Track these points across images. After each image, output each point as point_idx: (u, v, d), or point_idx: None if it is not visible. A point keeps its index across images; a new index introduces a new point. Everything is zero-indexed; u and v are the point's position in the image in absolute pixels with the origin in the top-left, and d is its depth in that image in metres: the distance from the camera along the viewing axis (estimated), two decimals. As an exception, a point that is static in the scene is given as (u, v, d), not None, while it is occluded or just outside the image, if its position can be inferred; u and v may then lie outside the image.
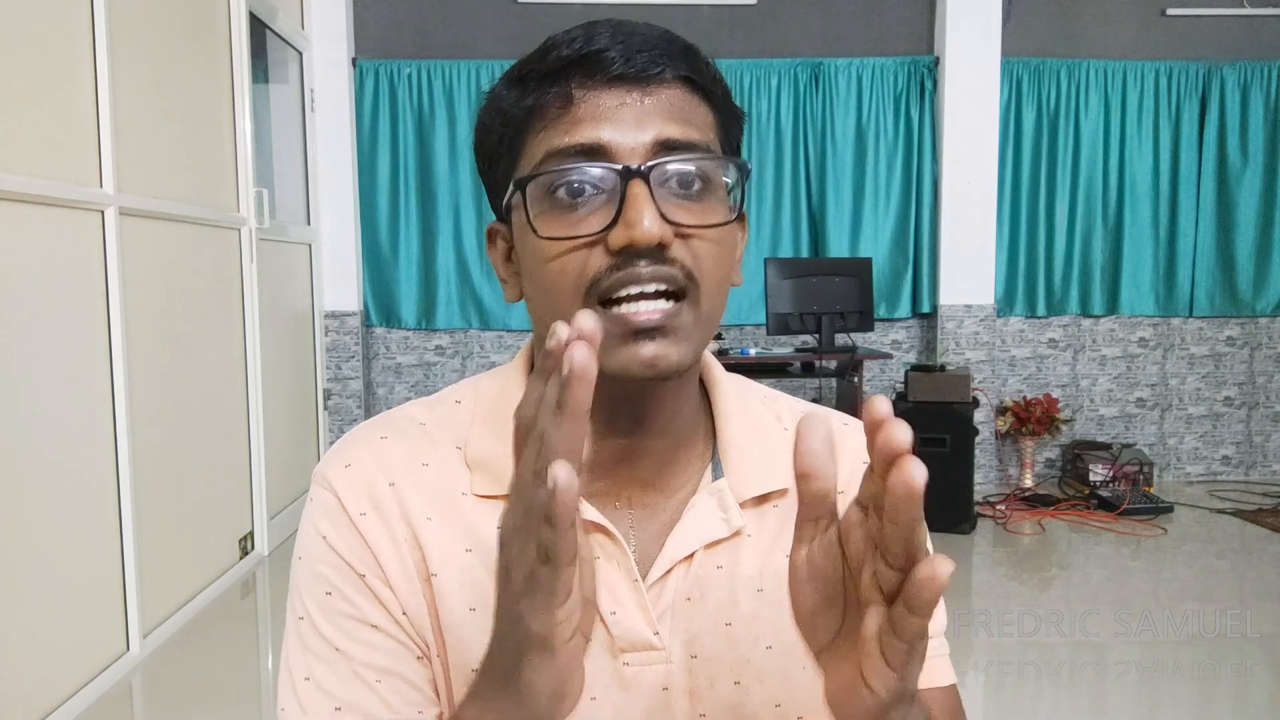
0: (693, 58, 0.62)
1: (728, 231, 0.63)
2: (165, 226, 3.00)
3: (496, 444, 0.67)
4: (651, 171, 0.58)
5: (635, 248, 0.58)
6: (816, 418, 0.45)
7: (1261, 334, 4.86)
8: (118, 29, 2.72)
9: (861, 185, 4.66)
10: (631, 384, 0.61)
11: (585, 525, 0.65)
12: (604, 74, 0.59)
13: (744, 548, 0.68)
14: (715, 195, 0.62)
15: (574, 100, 0.59)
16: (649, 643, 0.65)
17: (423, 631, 0.65)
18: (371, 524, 0.65)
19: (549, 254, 0.60)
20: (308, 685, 0.64)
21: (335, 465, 0.67)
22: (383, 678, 0.63)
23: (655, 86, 0.60)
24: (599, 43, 0.59)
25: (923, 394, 3.96)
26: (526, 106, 0.61)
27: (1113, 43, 4.71)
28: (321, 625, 0.64)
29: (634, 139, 0.59)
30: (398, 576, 0.64)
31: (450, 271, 4.65)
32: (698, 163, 0.60)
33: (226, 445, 3.46)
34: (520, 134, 0.62)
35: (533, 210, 0.61)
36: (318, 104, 4.48)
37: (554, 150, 0.60)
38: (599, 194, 0.59)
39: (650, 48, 0.60)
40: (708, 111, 0.63)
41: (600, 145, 0.59)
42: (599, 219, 0.59)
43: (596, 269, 0.59)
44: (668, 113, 0.60)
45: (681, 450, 0.69)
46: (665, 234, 0.58)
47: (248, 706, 2.57)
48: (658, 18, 4.61)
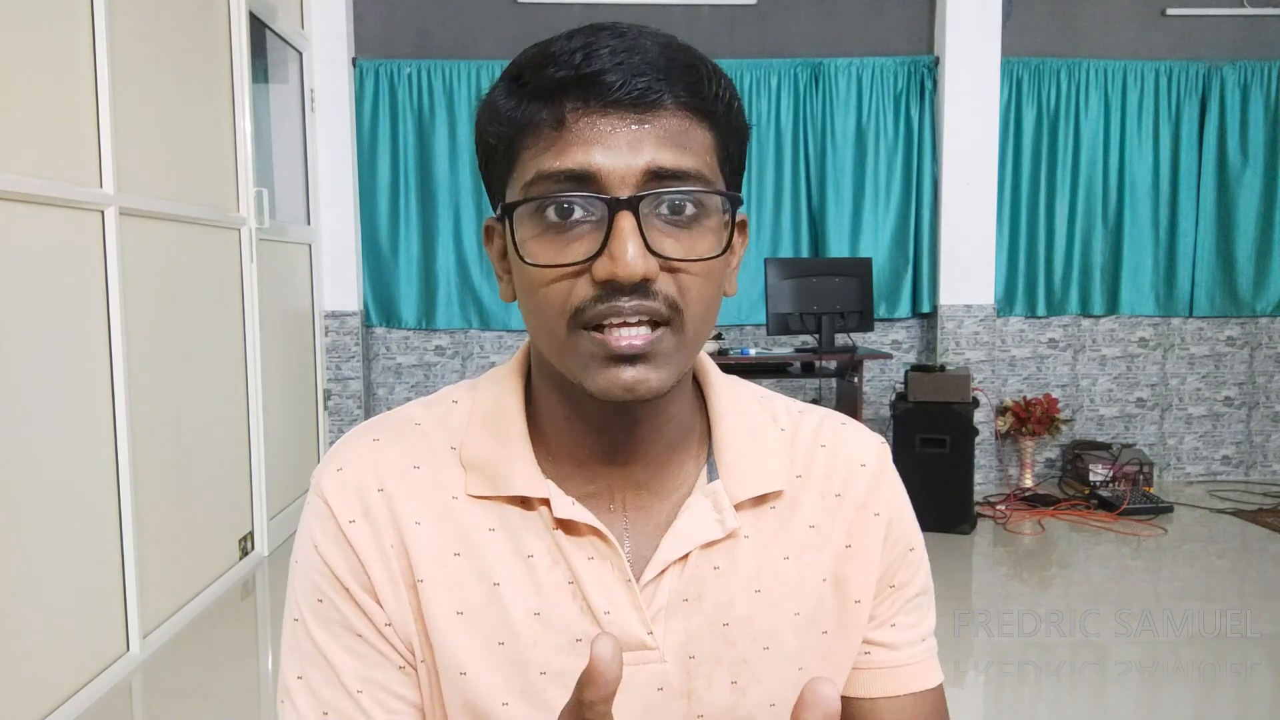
0: (694, 77, 0.60)
1: (717, 260, 0.62)
2: (165, 226, 3.00)
3: (492, 445, 0.68)
4: (640, 202, 0.58)
5: (618, 282, 0.57)
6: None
7: (1261, 334, 4.86)
8: (118, 29, 2.72)
9: (861, 185, 4.66)
10: (615, 403, 0.61)
11: (579, 527, 0.65)
12: (600, 98, 0.58)
13: (741, 549, 0.68)
14: (707, 223, 0.61)
15: (566, 123, 0.58)
16: (642, 642, 0.66)
17: (409, 639, 0.66)
18: (360, 532, 0.66)
19: (537, 280, 0.60)
20: (300, 684, 0.66)
21: (329, 470, 0.68)
22: (364, 687, 0.65)
23: (651, 113, 0.58)
24: (597, 63, 0.58)
25: (923, 394, 3.96)
26: (519, 121, 0.60)
27: (1113, 43, 4.71)
28: (313, 630, 0.66)
29: (625, 167, 0.58)
30: (384, 585, 0.65)
31: (450, 271, 4.65)
32: (688, 195, 0.60)
33: (226, 445, 3.46)
34: (512, 146, 0.62)
35: (521, 234, 0.60)
36: (318, 104, 4.48)
37: (544, 174, 0.59)
38: (587, 220, 0.59)
39: (651, 70, 0.58)
40: (705, 133, 0.61)
41: (590, 172, 0.58)
42: (585, 245, 0.59)
43: (581, 298, 0.59)
44: (662, 140, 0.59)
45: (675, 452, 0.70)
46: (650, 269, 0.58)
47: (248, 706, 2.58)
48: (658, 18, 4.62)
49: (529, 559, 0.66)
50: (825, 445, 0.73)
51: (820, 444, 0.73)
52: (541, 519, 0.66)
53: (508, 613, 0.65)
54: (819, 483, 0.72)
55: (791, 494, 0.71)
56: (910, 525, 0.74)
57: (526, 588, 0.65)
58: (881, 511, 0.72)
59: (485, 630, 0.65)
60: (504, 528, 0.66)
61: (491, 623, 0.65)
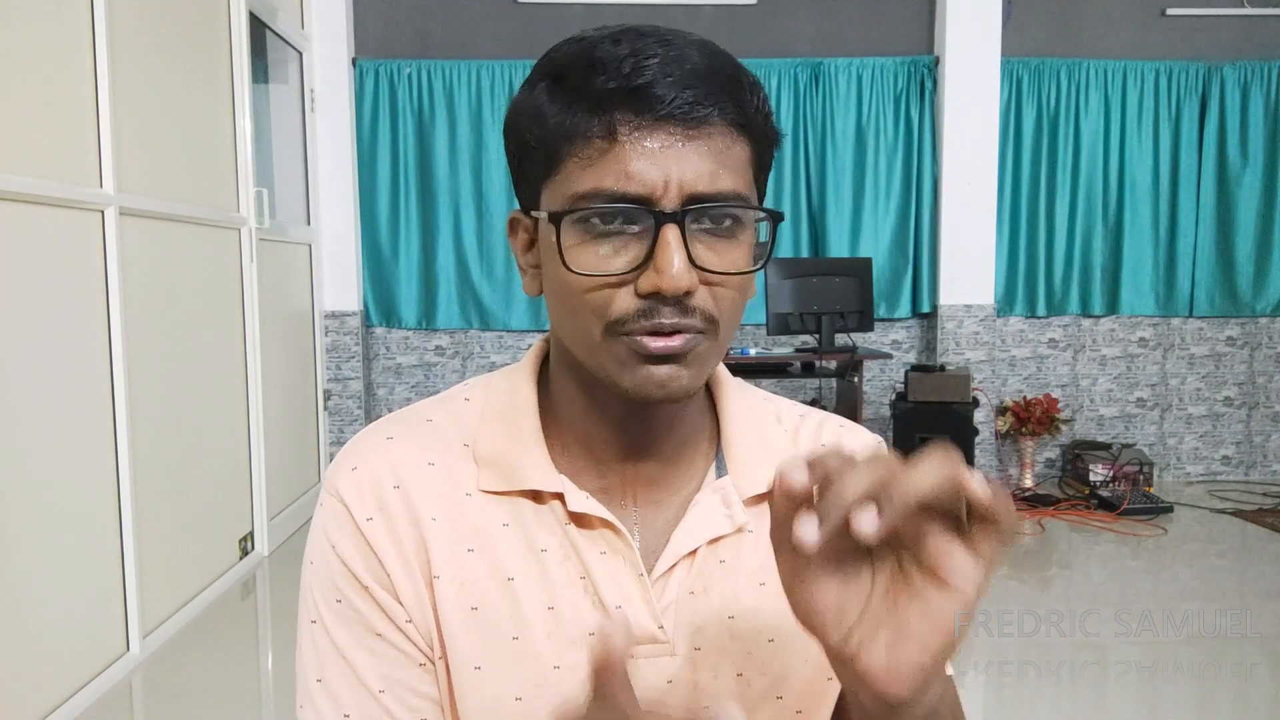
0: (737, 89, 0.61)
1: (750, 276, 0.64)
2: (165, 226, 3.00)
3: (505, 439, 0.69)
4: (686, 216, 0.59)
5: (662, 295, 0.59)
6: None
7: (1261, 334, 4.86)
8: (118, 29, 2.72)
9: (861, 185, 4.66)
10: (646, 403, 0.63)
11: (592, 521, 0.66)
12: (651, 113, 0.58)
13: (747, 543, 0.70)
14: (742, 235, 0.63)
15: (619, 138, 0.59)
16: (653, 636, 0.67)
17: (428, 636, 0.66)
18: (377, 529, 0.66)
19: (577, 287, 0.61)
20: (320, 687, 0.66)
21: (343, 469, 0.68)
22: (386, 686, 0.66)
23: (699, 128, 0.59)
24: (648, 74, 0.58)
25: (923, 394, 3.96)
26: (567, 128, 0.60)
27: (1113, 43, 4.71)
28: (332, 631, 0.66)
29: (673, 182, 0.59)
30: (403, 582, 0.66)
31: (450, 272, 4.65)
32: (731, 210, 0.61)
33: (226, 445, 3.46)
34: (556, 151, 0.62)
35: (565, 241, 0.61)
36: (318, 104, 4.48)
37: (598, 191, 0.59)
38: (632, 231, 0.60)
39: (699, 81, 0.59)
40: (746, 148, 0.63)
41: (640, 189, 0.59)
42: (629, 257, 0.60)
43: (622, 310, 0.60)
44: (708, 156, 0.60)
45: (686, 449, 0.71)
46: (692, 282, 0.59)
47: (248, 707, 2.58)
48: (657, 18, 4.62)
49: (542, 553, 0.67)
50: (826, 445, 0.75)
51: (821, 444, 0.75)
52: (554, 513, 0.67)
53: (521, 607, 0.66)
54: None
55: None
56: None
57: (539, 582, 0.66)
58: None
59: (499, 625, 0.66)
60: (517, 523, 0.67)
61: (505, 618, 0.66)
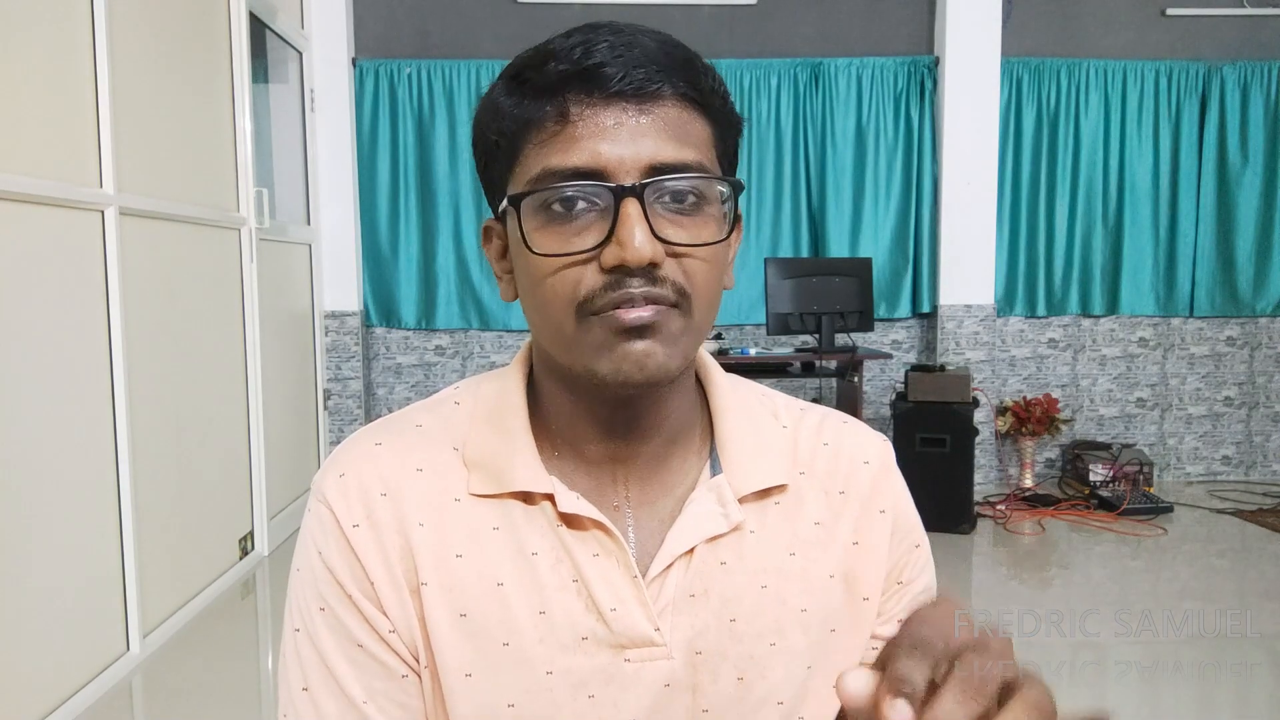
0: (691, 70, 0.62)
1: (720, 247, 0.63)
2: (165, 226, 3.00)
3: (495, 441, 0.68)
4: (645, 189, 0.59)
5: (627, 267, 0.58)
6: None
7: (1261, 334, 4.86)
8: (118, 29, 2.72)
9: (861, 185, 4.66)
10: (624, 389, 0.62)
11: (584, 522, 0.65)
12: (601, 91, 0.59)
13: (747, 543, 0.68)
14: (708, 210, 0.62)
15: (570, 117, 0.59)
16: (650, 639, 0.65)
17: (413, 646, 0.66)
18: (363, 536, 0.65)
19: (543, 270, 0.61)
20: (304, 696, 0.65)
21: (331, 476, 0.68)
22: (369, 697, 0.65)
23: (652, 104, 0.60)
24: (597, 56, 0.59)
25: (923, 394, 3.96)
26: (523, 118, 0.61)
27: (1113, 43, 4.71)
28: (316, 639, 0.66)
29: (630, 157, 0.59)
30: (387, 591, 0.65)
31: (450, 271, 4.65)
32: (692, 181, 0.61)
33: (226, 445, 3.46)
34: (515, 143, 0.62)
35: (527, 225, 0.61)
36: (318, 104, 4.48)
37: (550, 170, 0.60)
38: (593, 210, 0.60)
39: (649, 62, 0.60)
40: (704, 125, 0.63)
41: (596, 165, 0.59)
42: (592, 235, 0.60)
43: (590, 287, 0.60)
44: (664, 130, 0.60)
45: (678, 448, 0.70)
46: (657, 253, 0.59)
47: (248, 706, 2.57)
48: (657, 18, 4.62)
49: (532, 556, 0.66)
50: (828, 443, 0.74)
51: (823, 442, 0.74)
52: (545, 515, 0.67)
53: (511, 612, 0.65)
54: (822, 480, 0.72)
55: (795, 489, 0.71)
56: (915, 522, 0.75)
57: (530, 586, 0.65)
58: (887, 509, 0.73)
59: (489, 631, 0.65)
60: (507, 526, 0.66)
61: (495, 623, 0.65)
